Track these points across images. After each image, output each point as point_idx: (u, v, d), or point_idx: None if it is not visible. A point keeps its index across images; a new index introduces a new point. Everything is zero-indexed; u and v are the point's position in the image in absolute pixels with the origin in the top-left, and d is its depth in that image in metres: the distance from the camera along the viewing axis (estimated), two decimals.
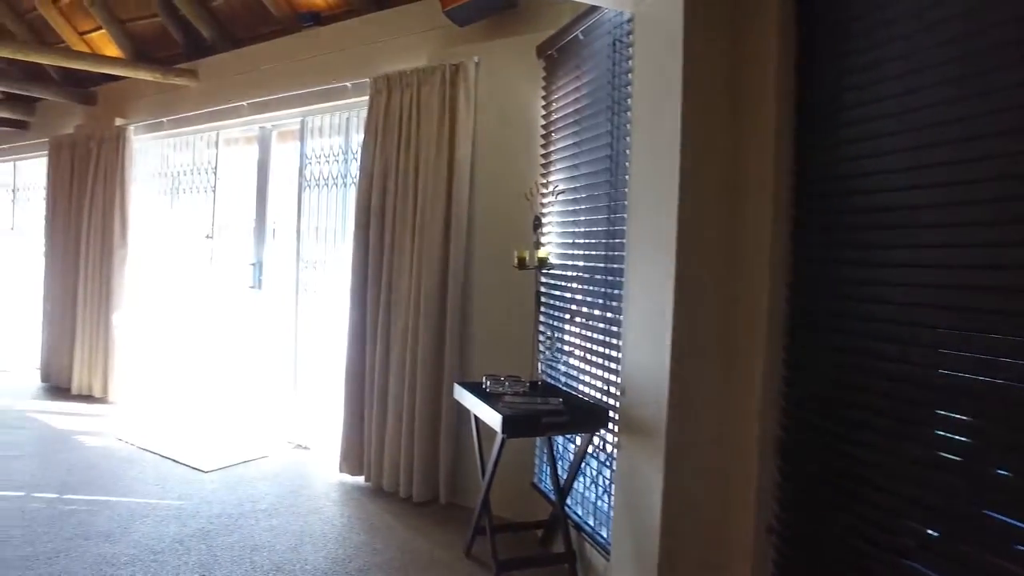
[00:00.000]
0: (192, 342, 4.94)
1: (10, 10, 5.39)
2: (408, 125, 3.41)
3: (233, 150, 5.24)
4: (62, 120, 5.83)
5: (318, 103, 4.02)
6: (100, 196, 5.21)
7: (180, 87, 4.78)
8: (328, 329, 4.01)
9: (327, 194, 4.02)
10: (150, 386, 5.17)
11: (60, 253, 5.62)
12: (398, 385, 3.36)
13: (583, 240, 2.77)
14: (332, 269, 3.98)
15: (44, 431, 4.31)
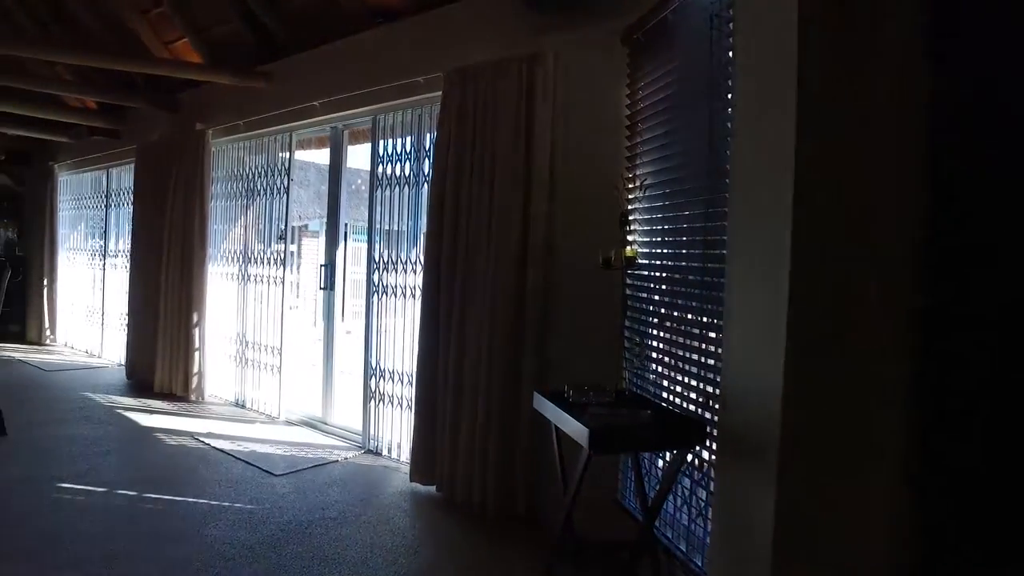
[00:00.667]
0: (265, 344, 4.96)
1: (105, 23, 5.60)
2: (483, 120, 3.26)
3: (306, 152, 5.27)
4: (149, 127, 6.01)
5: (390, 100, 3.93)
6: (180, 199, 5.33)
7: (255, 89, 4.81)
8: (401, 332, 3.91)
9: (400, 193, 3.93)
10: (228, 386, 5.24)
11: (144, 254, 5.79)
12: (472, 392, 3.21)
13: (674, 237, 2.54)
14: (405, 270, 3.88)
15: (128, 428, 4.40)
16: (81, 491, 3.25)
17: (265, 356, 4.94)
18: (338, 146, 4.55)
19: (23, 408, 4.68)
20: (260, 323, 5.02)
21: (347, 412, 4.52)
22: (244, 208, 5.21)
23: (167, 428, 4.40)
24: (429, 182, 3.63)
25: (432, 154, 3.61)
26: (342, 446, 4.15)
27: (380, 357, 4.05)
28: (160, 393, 5.35)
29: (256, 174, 5.10)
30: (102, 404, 5.00)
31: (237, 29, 4.84)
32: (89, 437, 4.11)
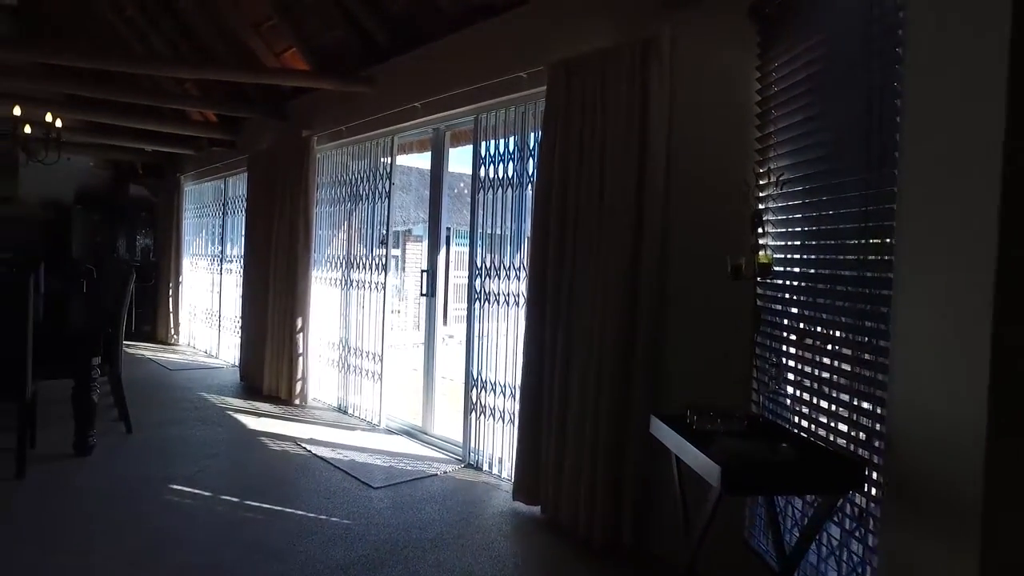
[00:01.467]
0: (367, 350, 4.93)
1: (224, 39, 5.84)
2: (592, 115, 3.01)
3: (408, 156, 5.22)
4: (260, 137, 6.22)
5: (491, 98, 3.76)
6: (287, 205, 5.43)
7: (358, 94, 4.80)
8: (504, 341, 3.72)
9: (503, 196, 3.74)
10: (331, 391, 5.27)
11: (255, 260, 5.97)
12: (579, 409, 2.96)
13: (819, 240, 2.17)
14: (509, 276, 3.68)
15: (237, 431, 4.48)
16: (189, 494, 3.28)
17: (366, 362, 4.91)
18: (439, 148, 4.44)
19: (148, 407, 4.91)
20: (362, 329, 5.00)
21: (447, 422, 4.39)
22: (347, 213, 5.23)
23: (272, 432, 4.45)
24: (533, 184, 3.42)
25: (536, 154, 3.40)
26: (441, 459, 4.02)
27: (482, 367, 3.87)
28: (268, 396, 5.48)
29: (359, 179, 5.11)
30: (215, 405, 5.16)
31: (342, 36, 4.86)
32: (201, 439, 4.22)
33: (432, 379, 4.44)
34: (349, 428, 4.65)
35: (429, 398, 4.45)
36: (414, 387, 4.61)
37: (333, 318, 5.30)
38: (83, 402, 3.73)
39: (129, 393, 5.26)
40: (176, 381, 6.01)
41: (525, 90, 3.55)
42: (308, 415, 4.97)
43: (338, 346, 5.23)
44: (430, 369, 4.44)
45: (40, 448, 3.87)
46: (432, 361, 4.43)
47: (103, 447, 3.91)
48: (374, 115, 4.62)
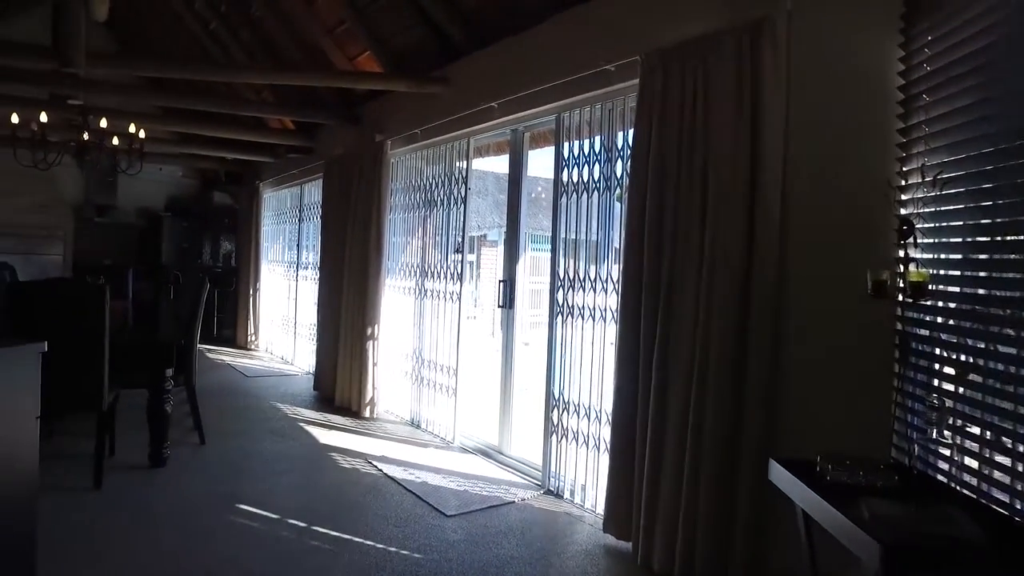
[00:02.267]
0: (443, 362, 4.72)
1: (299, 46, 5.82)
2: (692, 109, 2.66)
3: (484, 160, 4.99)
4: (335, 142, 6.15)
5: (575, 95, 3.46)
6: (360, 211, 5.31)
7: (433, 96, 4.61)
8: (590, 360, 3.40)
9: (588, 201, 3.43)
10: (404, 405, 5.10)
11: (329, 267, 5.90)
12: (677, 442, 2.61)
13: (992, 254, 1.76)
14: (595, 288, 3.36)
15: (308, 445, 4.35)
16: (255, 516, 3.14)
17: (440, 376, 4.70)
18: (518, 150, 4.17)
19: (223, 416, 4.88)
20: (435, 340, 4.80)
21: (526, 441, 4.12)
22: (422, 220, 5.04)
23: (343, 448, 4.30)
24: (624, 187, 3.10)
25: (627, 154, 3.08)
26: (519, 483, 3.74)
27: (564, 387, 3.57)
28: (340, 407, 5.36)
29: (433, 184, 4.91)
30: (287, 415, 5.08)
31: (416, 36, 4.69)
32: (272, 453, 4.11)
33: (509, 396, 4.17)
34: (422, 445, 4.45)
35: (506, 416, 4.19)
36: (490, 402, 4.36)
37: (406, 328, 5.13)
38: (157, 413, 3.68)
39: (205, 400, 5.27)
40: (251, 388, 6.01)
41: (613, 84, 3.23)
42: (380, 429, 4.81)
43: (411, 357, 5.05)
44: (507, 385, 4.17)
45: (120, 455, 3.86)
46: (510, 377, 4.16)
47: (177, 458, 3.84)
48: (449, 116, 4.40)
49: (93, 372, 3.29)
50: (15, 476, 2.03)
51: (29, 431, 2.05)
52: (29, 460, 2.07)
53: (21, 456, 2.04)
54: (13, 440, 2.01)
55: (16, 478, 2.03)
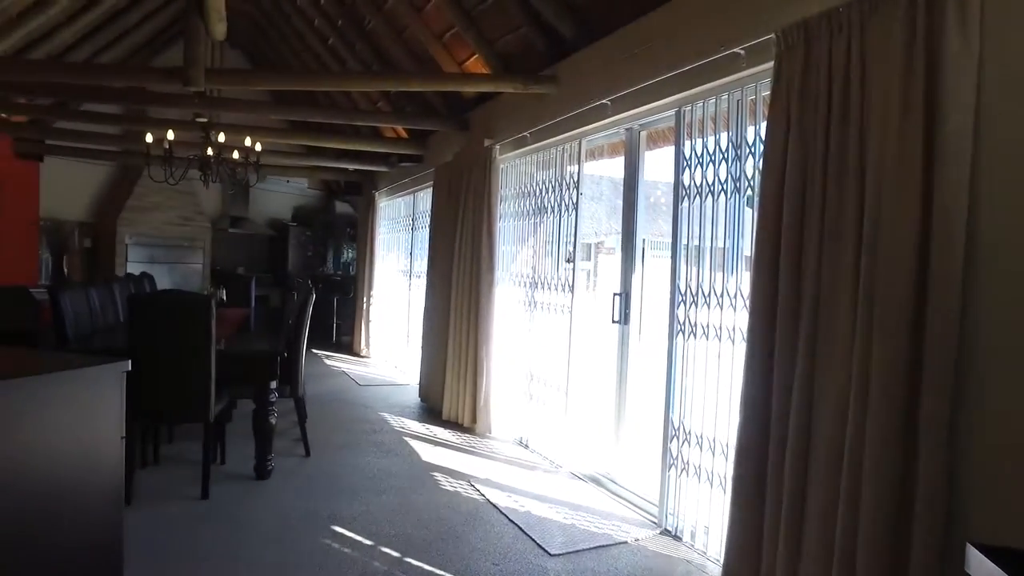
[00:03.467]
0: (553, 380, 4.43)
1: (410, 54, 5.80)
2: (843, 93, 2.19)
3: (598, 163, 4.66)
4: (445, 149, 6.06)
5: (697, 86, 3.06)
6: (469, 219, 5.15)
7: (541, 97, 4.35)
8: (714, 386, 2.98)
9: (713, 205, 3.01)
10: (511, 422, 4.85)
11: (438, 276, 5.80)
12: (825, 489, 2.15)
13: None
14: (721, 304, 2.93)
15: (411, 462, 4.21)
16: (349, 540, 2.99)
17: (550, 394, 4.41)
18: (633, 151, 3.81)
19: (330, 426, 4.89)
20: (546, 356, 4.51)
21: (642, 472, 3.73)
22: (533, 227, 4.79)
23: (446, 467, 4.11)
24: (756, 188, 2.67)
25: (759, 150, 2.64)
26: (633, 519, 3.37)
27: (685, 415, 3.16)
28: (447, 421, 5.22)
29: (544, 189, 4.64)
30: (393, 428, 5.00)
31: (525, 36, 4.46)
32: (374, 469, 4.00)
33: (623, 421, 3.81)
34: (529, 468, 4.17)
35: (620, 442, 3.82)
36: (604, 425, 4.00)
37: (516, 341, 4.89)
38: (261, 426, 3.66)
39: (316, 409, 5.32)
40: (362, 398, 6.02)
41: (742, 70, 2.81)
42: (486, 448, 4.59)
43: (521, 373, 4.80)
44: (621, 409, 3.81)
45: (231, 464, 3.90)
46: (624, 400, 3.80)
47: (280, 471, 3.82)
48: (559, 117, 4.12)
49: (199, 383, 3.31)
50: (98, 499, 1.96)
51: (112, 453, 1.98)
52: (113, 481, 1.99)
53: (104, 477, 1.96)
54: (96, 461, 1.94)
55: (99, 501, 1.96)
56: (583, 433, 4.16)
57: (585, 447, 4.14)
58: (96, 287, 4.13)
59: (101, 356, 2.02)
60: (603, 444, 3.96)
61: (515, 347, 4.88)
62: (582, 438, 4.16)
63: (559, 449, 4.23)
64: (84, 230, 8.24)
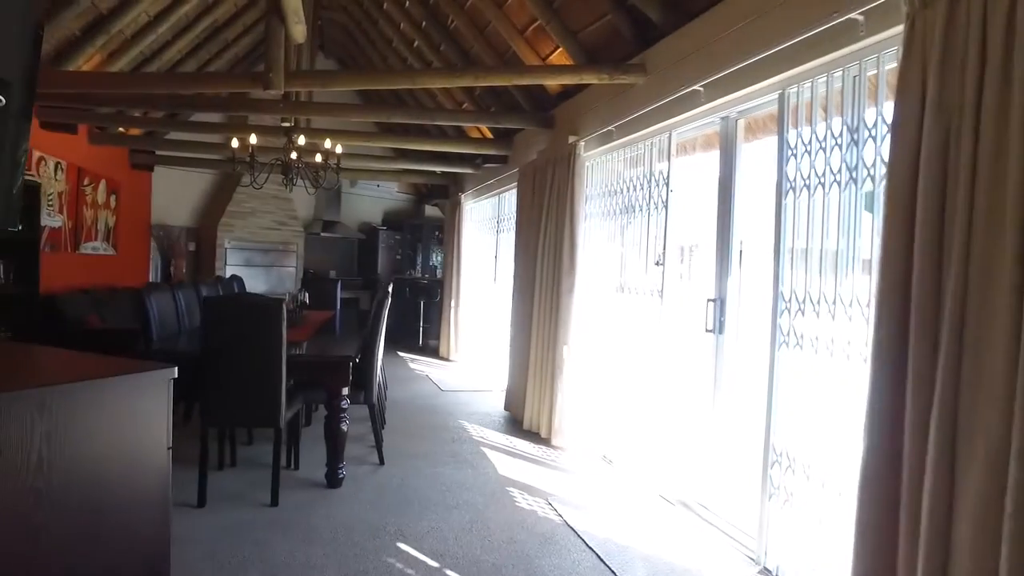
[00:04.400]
0: (639, 392, 4.10)
1: (494, 52, 5.64)
2: (1003, 57, 1.77)
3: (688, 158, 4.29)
4: (530, 149, 5.86)
5: (805, 62, 2.66)
6: (552, 220, 4.90)
7: (627, 88, 4.04)
8: (825, 407, 2.58)
9: (823, 199, 2.61)
10: (593, 436, 4.56)
11: (522, 280, 5.59)
12: (977, 532, 1.73)
13: None
14: (833, 313, 2.53)
15: (487, 475, 4.00)
16: (414, 561, 2.81)
17: (637, 407, 4.09)
18: (729, 143, 3.44)
19: (408, 433, 4.78)
20: (633, 365, 4.19)
21: (737, 498, 3.35)
22: (620, 228, 4.48)
23: (523, 483, 3.87)
24: (878, 178, 2.26)
25: (882, 133, 2.24)
26: (726, 552, 3.00)
27: (789, 440, 2.77)
28: (529, 431, 4.99)
29: (631, 187, 4.32)
30: (472, 437, 4.82)
31: (610, 24, 4.17)
32: (447, 481, 3.82)
33: (717, 441, 3.43)
34: (611, 487, 3.87)
35: (713, 464, 3.45)
36: (695, 443, 3.64)
37: (600, 350, 4.59)
38: (332, 433, 3.58)
39: (396, 414, 5.25)
40: (443, 404, 5.90)
41: (860, 40, 2.40)
42: (567, 463, 4.31)
43: (604, 384, 4.49)
44: (715, 428, 3.44)
45: (303, 470, 3.85)
46: (718, 419, 3.42)
47: (352, 479, 3.72)
48: (646, 107, 3.80)
49: (269, 387, 3.25)
50: (144, 514, 1.87)
51: (158, 465, 1.88)
52: (158, 495, 1.90)
53: (150, 490, 1.87)
54: (140, 473, 1.84)
55: (145, 515, 1.87)
56: (672, 452, 3.80)
57: (674, 467, 3.78)
58: (183, 289, 4.21)
59: (151, 362, 1.93)
60: (694, 465, 3.59)
61: (599, 355, 4.58)
62: (671, 457, 3.81)
63: (645, 468, 3.90)
64: (189, 235, 8.67)
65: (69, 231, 6.26)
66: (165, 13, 6.15)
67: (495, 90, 6.27)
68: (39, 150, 5.72)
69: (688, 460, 3.65)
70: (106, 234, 7.10)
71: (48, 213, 5.87)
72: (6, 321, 5.00)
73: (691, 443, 3.64)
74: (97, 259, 6.93)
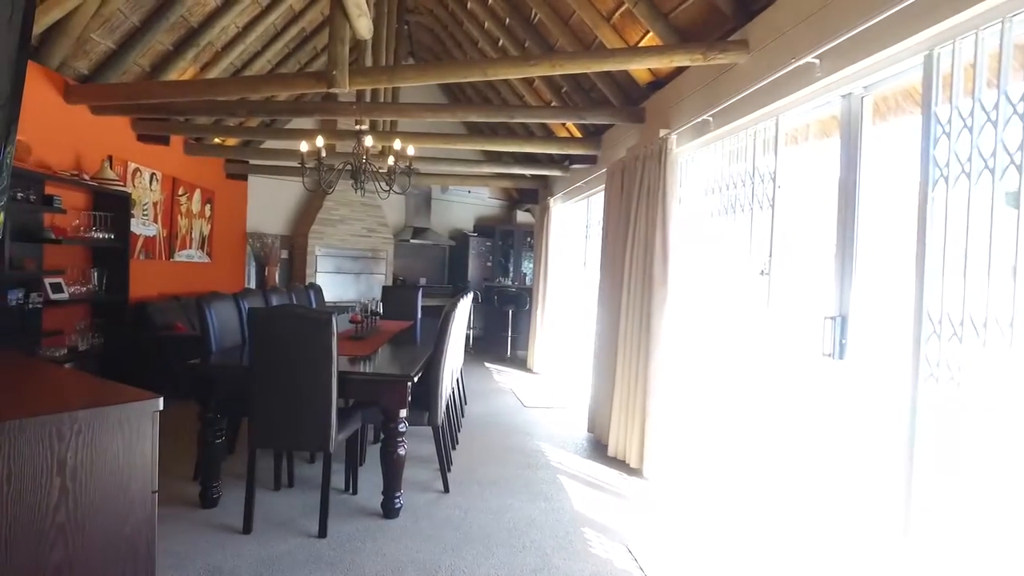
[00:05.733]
0: (741, 422, 3.52)
1: (575, 40, 5.22)
2: None
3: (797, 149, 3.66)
4: (619, 147, 5.37)
5: (965, 8, 2.04)
6: (642, 222, 4.39)
7: (726, 70, 3.49)
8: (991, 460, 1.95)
9: (992, 187, 1.98)
10: (686, 469, 4.00)
11: (608, 289, 5.10)
12: None
13: None
14: (1013, 339, 1.89)
15: (561, 510, 3.55)
16: None
17: (740, 437, 3.50)
18: (852, 126, 2.82)
19: (479, 455, 4.42)
20: (734, 389, 3.61)
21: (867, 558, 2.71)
22: (718, 231, 3.91)
23: (601, 522, 3.39)
24: None
25: None
26: None
27: (933, 500, 2.14)
28: (614, 458, 4.48)
29: (730, 184, 3.75)
30: (550, 463, 4.37)
31: (703, 2, 3.62)
32: (516, 517, 3.40)
33: (836, 489, 2.81)
34: (706, 533, 3.30)
35: (827, 517, 2.83)
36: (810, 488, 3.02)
37: (695, 371, 4.03)
38: (388, 458, 3.26)
39: (472, 432, 4.91)
40: (523, 423, 5.49)
41: None
42: (656, 499, 3.77)
43: (701, 410, 3.93)
44: (833, 472, 2.82)
45: (362, 495, 3.57)
46: (838, 462, 2.80)
47: (410, 509, 3.39)
48: (749, 88, 3.22)
49: (317, 407, 2.97)
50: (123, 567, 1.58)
51: (139, 514, 1.60)
52: (141, 548, 1.61)
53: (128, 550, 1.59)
54: (117, 524, 1.56)
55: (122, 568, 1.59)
56: (780, 498, 3.20)
57: (785, 517, 3.17)
58: (247, 297, 4.06)
59: (136, 390, 1.65)
60: (809, 517, 2.98)
61: (693, 377, 4.02)
62: (779, 504, 3.20)
63: (748, 513, 3.31)
64: (283, 242, 8.81)
65: (164, 239, 6.42)
66: (253, 23, 6.20)
67: (583, 86, 5.83)
68: (134, 161, 5.88)
69: (801, 510, 3.04)
70: (201, 242, 7.28)
71: (143, 222, 6.03)
72: (98, 326, 5.12)
73: (803, 489, 3.03)
74: (192, 267, 7.10)
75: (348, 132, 6.21)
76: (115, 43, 5.18)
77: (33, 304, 4.28)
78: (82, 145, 5.17)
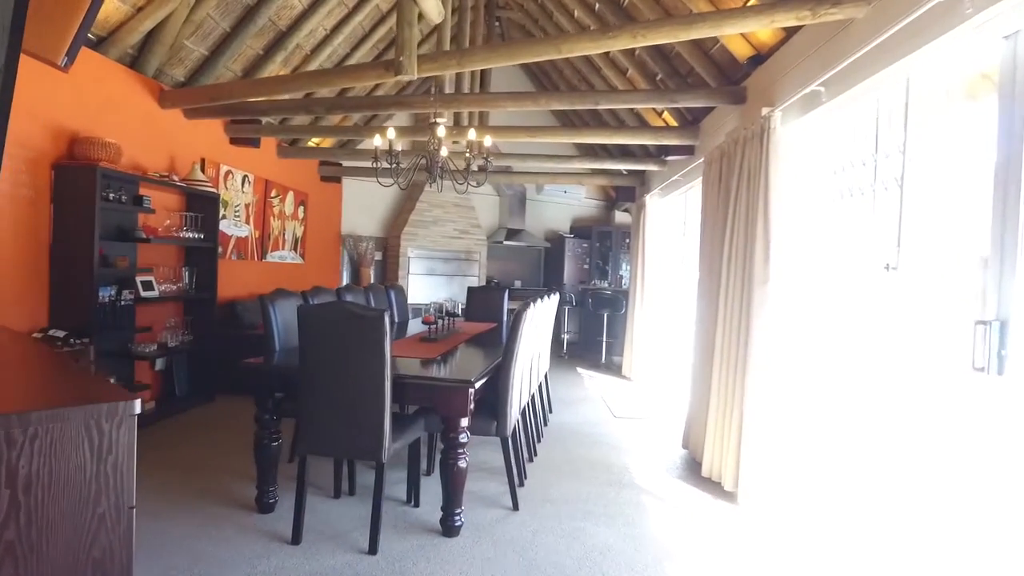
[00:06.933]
0: (860, 443, 2.95)
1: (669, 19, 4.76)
2: None
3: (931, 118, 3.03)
4: (718, 134, 4.85)
5: None
6: (741, 215, 3.87)
7: (841, 29, 2.94)
8: None
9: None
10: (793, 498, 3.44)
11: (706, 289, 4.58)
12: None
13: None
14: None
15: (641, 540, 3.11)
16: None
17: (861, 465, 2.94)
18: (1017, 82, 2.23)
19: (558, 469, 4.07)
20: (855, 405, 3.05)
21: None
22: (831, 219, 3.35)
23: (686, 558, 2.92)
24: None
25: None
26: None
27: None
28: (707, 479, 3.98)
29: (847, 164, 3.18)
30: (635, 481, 3.93)
31: None
32: (590, 544, 3.01)
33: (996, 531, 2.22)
34: (816, 568, 2.76)
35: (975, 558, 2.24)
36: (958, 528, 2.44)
37: (805, 383, 3.47)
38: (447, 471, 2.98)
39: (555, 443, 4.60)
40: (610, 435, 5.05)
41: None
42: (752, 531, 3.25)
43: (813, 429, 3.37)
44: (989, 512, 2.23)
45: (423, 508, 3.32)
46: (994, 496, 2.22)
47: (473, 527, 3.10)
48: (870, 43, 2.68)
49: (369, 413, 2.74)
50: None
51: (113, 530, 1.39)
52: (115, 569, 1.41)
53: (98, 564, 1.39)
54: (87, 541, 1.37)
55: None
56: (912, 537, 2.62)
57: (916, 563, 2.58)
58: (316, 295, 3.94)
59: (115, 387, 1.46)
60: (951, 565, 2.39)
61: (802, 389, 3.45)
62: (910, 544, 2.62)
63: (864, 552, 2.74)
64: (378, 244, 8.87)
65: (256, 240, 6.57)
66: (340, 25, 6.21)
67: (679, 71, 5.35)
68: (226, 164, 6.03)
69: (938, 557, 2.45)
70: (294, 244, 7.41)
71: (235, 223, 6.17)
72: (188, 323, 5.25)
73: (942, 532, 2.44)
74: (285, 267, 7.24)
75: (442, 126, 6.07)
76: (207, 49, 5.31)
77: (124, 300, 4.41)
78: (176, 148, 5.33)
